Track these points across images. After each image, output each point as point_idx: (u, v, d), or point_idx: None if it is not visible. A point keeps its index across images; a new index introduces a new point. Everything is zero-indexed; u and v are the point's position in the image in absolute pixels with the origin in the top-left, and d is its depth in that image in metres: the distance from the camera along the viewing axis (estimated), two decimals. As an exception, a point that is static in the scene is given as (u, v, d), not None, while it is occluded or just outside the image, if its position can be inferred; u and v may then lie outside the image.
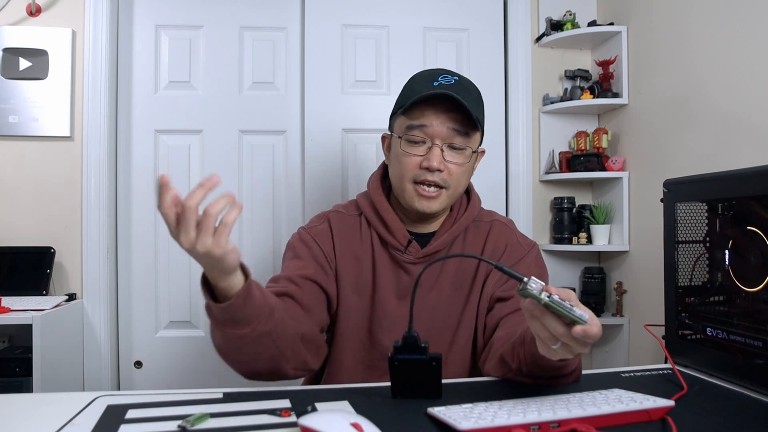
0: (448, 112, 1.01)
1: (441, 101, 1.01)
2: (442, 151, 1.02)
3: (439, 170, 1.02)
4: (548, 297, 0.66)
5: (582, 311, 0.66)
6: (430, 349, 1.06)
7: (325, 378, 1.10)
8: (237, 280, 0.78)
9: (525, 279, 0.68)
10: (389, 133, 1.12)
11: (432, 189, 1.03)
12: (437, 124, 1.01)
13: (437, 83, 1.03)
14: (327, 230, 1.11)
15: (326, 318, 1.06)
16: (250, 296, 0.78)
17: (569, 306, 0.66)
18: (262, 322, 0.82)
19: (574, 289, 2.11)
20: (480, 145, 1.09)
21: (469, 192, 1.16)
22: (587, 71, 2.17)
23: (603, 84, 2.09)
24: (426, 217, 1.09)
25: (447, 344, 1.07)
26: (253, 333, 0.81)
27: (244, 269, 0.79)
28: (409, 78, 1.11)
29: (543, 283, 0.67)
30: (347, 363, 1.06)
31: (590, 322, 0.65)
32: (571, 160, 2.12)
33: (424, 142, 1.03)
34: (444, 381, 0.91)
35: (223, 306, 0.77)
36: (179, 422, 0.69)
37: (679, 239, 1.07)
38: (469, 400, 0.75)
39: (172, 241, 2.39)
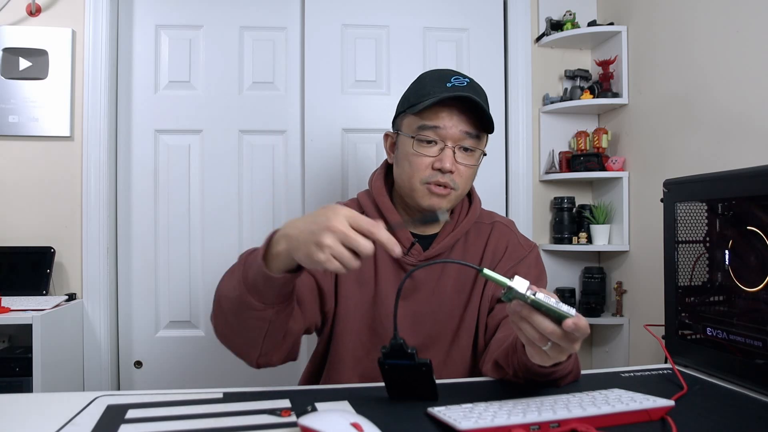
0: (461, 114, 1.01)
1: (455, 103, 1.01)
2: (454, 152, 1.02)
3: (451, 172, 1.02)
4: (533, 295, 0.66)
5: (568, 307, 0.66)
6: (431, 351, 1.05)
7: (324, 377, 1.10)
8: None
9: (509, 282, 0.68)
10: (393, 131, 1.11)
11: (441, 188, 1.03)
12: (451, 126, 1.01)
13: (450, 84, 1.02)
14: None
15: (317, 315, 1.05)
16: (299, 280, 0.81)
17: (555, 302, 0.66)
18: (284, 309, 0.84)
19: (573, 290, 2.14)
20: (485, 146, 1.09)
21: (470, 194, 1.16)
22: (587, 71, 2.17)
23: (603, 84, 2.09)
24: None
25: (447, 345, 1.07)
26: (272, 315, 0.83)
27: None
28: (418, 77, 1.10)
29: (527, 282, 0.67)
30: (347, 361, 1.06)
31: (577, 316, 0.66)
32: (571, 160, 2.12)
33: (436, 143, 1.02)
34: (444, 381, 0.91)
35: (285, 277, 0.79)
36: None
37: (679, 239, 1.07)
38: (469, 400, 0.75)
39: (172, 240, 2.38)
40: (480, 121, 1.02)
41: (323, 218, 0.72)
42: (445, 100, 1.00)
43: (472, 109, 1.01)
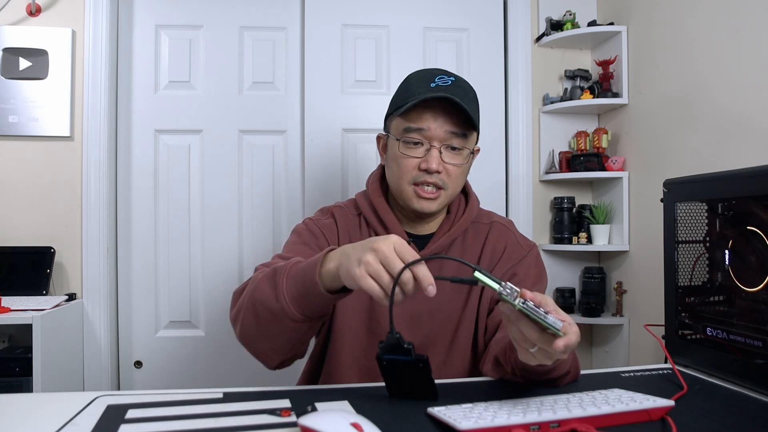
0: (446, 114, 1.01)
1: (439, 103, 1.01)
2: (441, 152, 1.02)
3: (438, 172, 1.02)
4: (522, 303, 0.66)
5: (555, 319, 0.65)
6: (430, 351, 1.05)
7: (323, 376, 1.10)
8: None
9: (500, 286, 0.67)
10: (384, 133, 1.11)
11: (430, 189, 1.03)
12: (435, 127, 1.01)
13: (434, 84, 1.02)
14: (333, 225, 1.11)
15: None
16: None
17: (543, 313, 0.65)
18: (318, 322, 0.87)
19: (573, 290, 2.14)
20: (476, 144, 1.09)
21: (467, 193, 1.16)
22: (587, 71, 2.17)
23: (603, 84, 2.09)
24: (424, 217, 1.09)
25: (447, 345, 1.07)
26: (308, 327, 0.85)
27: None
28: (405, 77, 1.10)
29: (518, 289, 0.67)
30: (345, 360, 1.06)
31: (566, 330, 0.65)
32: (571, 160, 2.12)
33: (422, 144, 1.02)
34: (444, 381, 0.91)
35: (335, 297, 0.82)
36: None
37: (679, 239, 1.07)
38: (469, 400, 0.75)
39: (172, 240, 2.38)
40: (466, 119, 1.02)
41: (374, 241, 0.74)
42: (429, 100, 1.00)
43: (458, 109, 1.00)
